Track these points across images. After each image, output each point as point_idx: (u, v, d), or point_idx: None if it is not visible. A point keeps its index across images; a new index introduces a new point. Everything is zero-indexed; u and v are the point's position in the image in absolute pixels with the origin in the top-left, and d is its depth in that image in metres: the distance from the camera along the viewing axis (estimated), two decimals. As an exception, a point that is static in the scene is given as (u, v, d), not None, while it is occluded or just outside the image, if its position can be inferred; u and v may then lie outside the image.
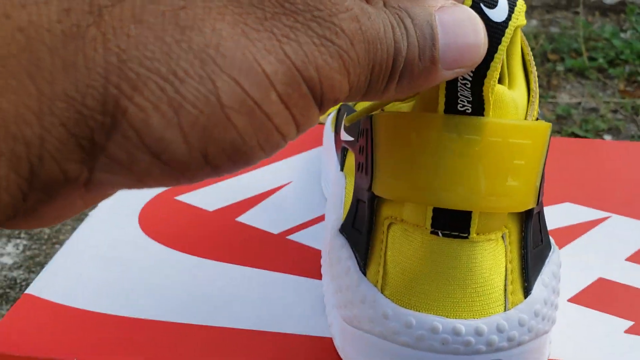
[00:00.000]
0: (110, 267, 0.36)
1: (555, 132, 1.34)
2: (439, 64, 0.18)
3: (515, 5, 0.21)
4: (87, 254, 0.37)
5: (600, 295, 0.34)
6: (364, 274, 0.26)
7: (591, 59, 1.63)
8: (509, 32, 0.20)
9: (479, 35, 0.19)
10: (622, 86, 1.51)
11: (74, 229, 1.00)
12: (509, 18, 0.20)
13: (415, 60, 0.18)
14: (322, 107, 0.17)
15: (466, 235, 0.23)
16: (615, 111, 1.42)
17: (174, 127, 0.15)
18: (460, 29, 0.18)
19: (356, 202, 0.27)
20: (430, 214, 0.24)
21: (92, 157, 0.15)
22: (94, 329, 0.31)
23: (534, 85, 0.26)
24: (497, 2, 0.21)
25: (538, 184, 0.24)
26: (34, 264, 0.95)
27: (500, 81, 0.24)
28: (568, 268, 0.33)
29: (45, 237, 0.98)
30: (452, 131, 0.22)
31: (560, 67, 1.61)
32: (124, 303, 0.33)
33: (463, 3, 0.22)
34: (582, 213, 0.42)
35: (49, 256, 0.96)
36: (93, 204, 0.17)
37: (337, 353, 0.28)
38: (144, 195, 0.43)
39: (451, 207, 0.23)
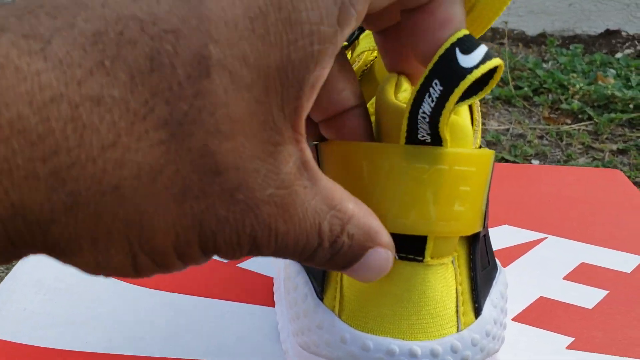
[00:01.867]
0: (55, 298, 0.35)
1: (486, 157, 1.39)
2: (339, 271, 0.21)
3: (490, 60, 0.21)
4: (31, 286, 0.36)
5: (542, 313, 0.35)
6: (321, 299, 0.26)
7: (517, 87, 1.71)
8: (470, 78, 0.21)
9: (377, 277, 0.21)
10: (546, 113, 1.59)
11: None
12: (475, 67, 0.21)
13: (320, 264, 0.20)
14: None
15: (421, 259, 0.24)
16: (541, 137, 1.49)
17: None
18: (372, 272, 0.21)
19: None
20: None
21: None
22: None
23: (477, 114, 0.27)
24: (473, 51, 0.21)
25: (484, 208, 0.25)
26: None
27: None
28: (510, 287, 0.35)
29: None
30: (403, 160, 0.23)
31: (488, 96, 1.67)
32: (72, 336, 0.32)
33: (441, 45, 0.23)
34: (520, 234, 0.44)
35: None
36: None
37: (293, 380, 0.28)
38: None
39: (405, 232, 0.23)
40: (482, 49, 0.21)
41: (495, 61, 0.21)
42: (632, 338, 0.33)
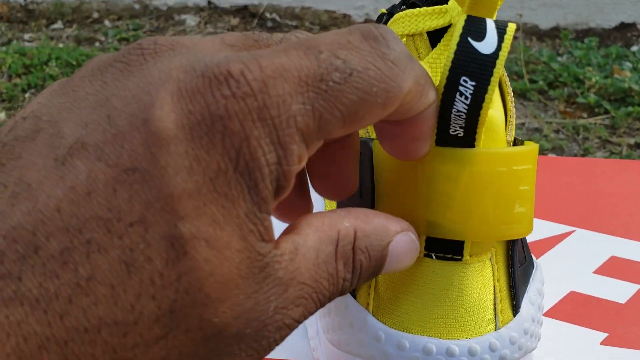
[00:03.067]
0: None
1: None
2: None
3: (505, 33, 0.20)
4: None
5: (574, 309, 0.34)
6: (354, 297, 0.25)
7: (532, 81, 1.70)
8: (499, 63, 0.20)
9: (413, 261, 0.22)
10: (562, 107, 1.58)
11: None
12: (498, 48, 0.20)
13: (358, 286, 0.21)
14: None
15: (459, 257, 0.23)
16: (557, 131, 1.48)
17: None
18: (403, 259, 0.21)
19: None
20: (424, 238, 0.23)
21: None
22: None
23: (511, 105, 0.26)
24: (485, 33, 0.20)
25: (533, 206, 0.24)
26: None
27: None
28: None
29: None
30: (457, 164, 0.22)
31: (502, 90, 1.66)
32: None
33: (452, 36, 0.22)
34: (548, 228, 0.43)
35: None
36: None
37: (322, 378, 0.28)
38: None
39: (457, 239, 0.23)
40: (491, 26, 0.20)
41: (511, 29, 0.20)
42: (668, 333, 0.32)
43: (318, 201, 0.34)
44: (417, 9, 0.26)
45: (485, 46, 0.20)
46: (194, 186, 0.16)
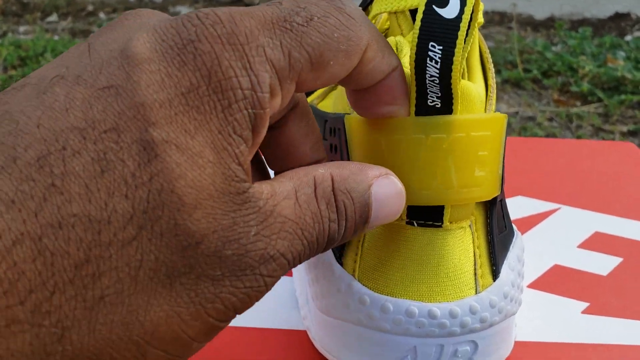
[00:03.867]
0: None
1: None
2: (366, 229, 0.21)
3: (465, 4, 0.22)
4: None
5: (557, 281, 0.35)
6: (341, 264, 0.26)
7: (526, 70, 1.70)
8: (463, 26, 0.21)
9: (402, 205, 0.22)
10: (556, 96, 1.58)
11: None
12: (461, 12, 0.21)
13: (348, 235, 0.21)
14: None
15: (440, 224, 0.24)
16: (551, 119, 1.48)
17: None
18: (390, 203, 0.22)
19: None
20: (405, 207, 0.24)
21: None
22: None
23: (492, 80, 0.27)
24: (448, 1, 0.22)
25: (500, 171, 0.25)
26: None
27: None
28: (525, 256, 0.35)
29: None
30: (420, 133, 0.23)
31: (497, 79, 1.67)
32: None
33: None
34: (533, 205, 0.44)
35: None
36: None
37: (311, 344, 0.29)
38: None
39: (428, 204, 0.24)
40: None
41: (476, 5, 0.21)
42: (647, 303, 0.33)
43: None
44: None
45: (449, 11, 0.21)
46: (165, 97, 0.17)
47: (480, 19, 0.26)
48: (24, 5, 2.26)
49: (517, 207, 0.43)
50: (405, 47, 0.25)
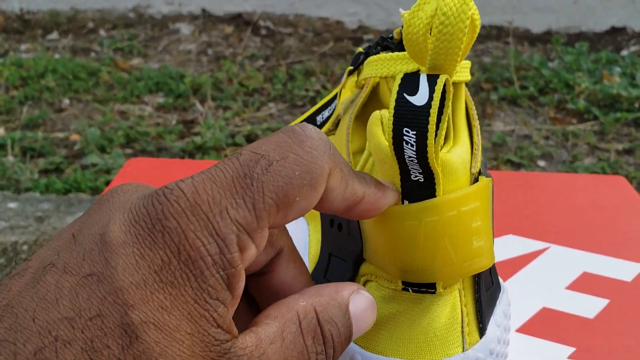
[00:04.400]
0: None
1: (492, 159, 1.40)
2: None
3: (436, 84, 0.22)
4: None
5: (545, 324, 0.36)
6: None
7: (522, 87, 1.71)
8: (433, 112, 0.22)
9: (375, 314, 0.24)
10: (552, 113, 1.59)
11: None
12: (430, 99, 0.22)
13: (335, 358, 0.22)
14: None
15: (433, 291, 0.25)
16: (547, 137, 1.49)
17: None
18: (366, 315, 0.23)
19: (328, 256, 0.29)
20: (400, 284, 0.26)
21: None
22: None
23: (477, 138, 0.28)
24: (417, 89, 0.23)
25: (492, 234, 0.26)
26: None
27: (445, 137, 0.26)
28: (514, 298, 0.36)
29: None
30: (413, 219, 0.24)
31: (494, 96, 1.68)
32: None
33: (391, 89, 0.24)
34: (524, 244, 0.44)
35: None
36: None
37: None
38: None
39: (434, 281, 0.25)
40: (424, 80, 0.22)
41: (441, 81, 0.22)
42: (631, 346, 0.34)
43: (299, 231, 0.36)
44: (391, 53, 0.28)
45: (419, 99, 0.22)
46: (140, 279, 0.19)
47: (466, 77, 0.27)
48: (24, 22, 2.28)
49: (508, 246, 0.44)
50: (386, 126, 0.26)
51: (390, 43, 0.29)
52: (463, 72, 0.27)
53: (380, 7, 2.22)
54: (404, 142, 0.23)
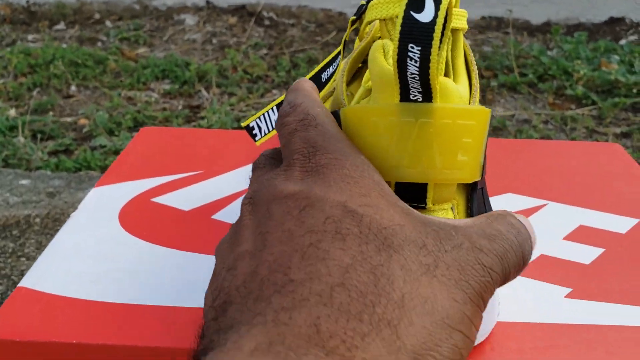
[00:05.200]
0: (96, 260, 0.38)
1: (493, 143, 1.41)
2: None
3: (441, 3, 0.24)
4: (73, 250, 0.39)
5: (542, 268, 0.38)
6: None
7: (522, 74, 1.73)
8: (437, 28, 0.24)
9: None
10: (551, 99, 1.61)
11: (37, 242, 0.99)
12: (435, 16, 0.24)
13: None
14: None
15: (423, 205, 0.27)
16: (546, 122, 1.51)
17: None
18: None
19: None
20: (393, 187, 0.27)
21: None
22: (85, 314, 0.33)
23: (475, 80, 0.30)
24: (423, 6, 0.24)
25: (482, 159, 0.28)
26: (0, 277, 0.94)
27: (445, 75, 0.28)
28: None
29: (10, 250, 0.97)
30: (410, 116, 0.26)
31: (494, 83, 1.70)
32: (112, 291, 0.35)
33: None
34: (522, 201, 0.46)
35: (14, 269, 0.95)
36: None
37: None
38: (122, 197, 0.46)
39: (414, 180, 0.26)
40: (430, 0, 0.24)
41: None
42: (626, 289, 0.36)
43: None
44: None
45: (425, 15, 0.24)
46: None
47: (463, 25, 0.29)
48: (31, 14, 2.29)
49: (506, 203, 0.46)
50: (391, 49, 0.27)
51: None
52: (460, 19, 0.29)
53: (382, -2, 2.23)
54: (408, 59, 0.24)
